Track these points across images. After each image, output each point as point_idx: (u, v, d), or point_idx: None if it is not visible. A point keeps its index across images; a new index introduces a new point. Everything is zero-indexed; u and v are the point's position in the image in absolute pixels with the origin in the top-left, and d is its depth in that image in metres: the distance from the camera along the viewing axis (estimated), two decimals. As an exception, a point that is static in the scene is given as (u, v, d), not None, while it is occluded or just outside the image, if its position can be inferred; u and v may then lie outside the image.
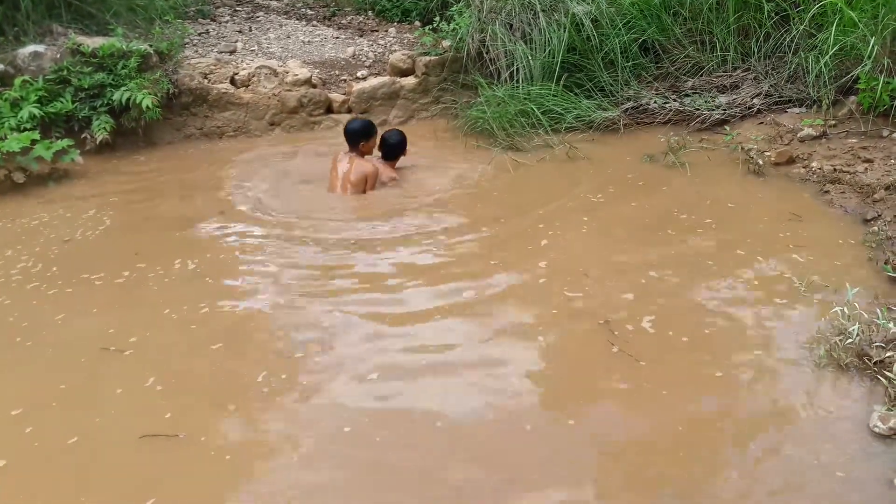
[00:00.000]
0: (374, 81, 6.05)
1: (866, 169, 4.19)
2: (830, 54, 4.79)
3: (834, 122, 4.85)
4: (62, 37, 5.39)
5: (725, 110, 5.36)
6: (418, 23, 7.37)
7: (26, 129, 4.62)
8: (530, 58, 5.62)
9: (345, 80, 6.22)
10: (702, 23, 5.72)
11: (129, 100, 4.99)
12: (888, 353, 2.56)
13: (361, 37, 7.16)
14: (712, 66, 5.77)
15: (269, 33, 7.09)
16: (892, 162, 4.18)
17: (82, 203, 4.37)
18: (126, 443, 2.33)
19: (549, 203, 4.23)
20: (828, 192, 4.16)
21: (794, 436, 2.31)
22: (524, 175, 4.80)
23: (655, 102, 5.59)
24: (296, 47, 6.74)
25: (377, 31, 7.35)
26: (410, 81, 6.14)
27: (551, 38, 5.62)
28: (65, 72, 5.04)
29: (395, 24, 7.55)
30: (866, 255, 3.43)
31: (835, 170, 4.30)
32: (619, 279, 3.32)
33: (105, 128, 4.99)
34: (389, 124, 5.94)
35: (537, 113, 5.37)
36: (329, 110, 5.98)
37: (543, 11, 5.71)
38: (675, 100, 5.61)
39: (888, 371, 2.46)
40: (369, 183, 4.45)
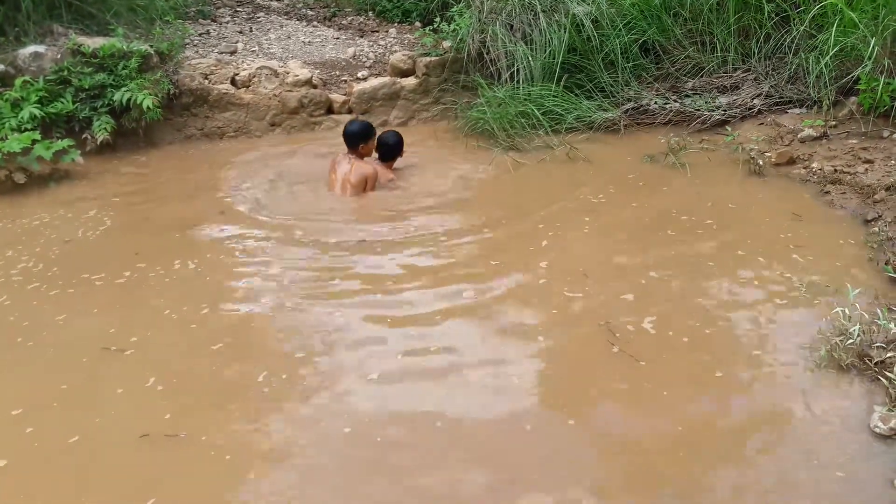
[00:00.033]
0: (374, 82, 6.04)
1: (867, 169, 4.19)
2: (831, 55, 4.79)
3: (834, 122, 4.85)
4: (63, 37, 5.39)
5: (726, 111, 5.36)
6: (419, 23, 7.37)
7: (27, 130, 4.61)
8: (531, 58, 5.61)
9: (345, 81, 6.22)
10: (702, 23, 5.72)
11: (129, 100, 4.98)
12: (889, 354, 2.57)
13: (362, 37, 7.16)
14: (713, 66, 5.77)
15: (269, 34, 7.09)
16: (893, 163, 4.18)
17: (83, 203, 4.37)
18: (126, 443, 2.33)
19: (550, 204, 4.23)
20: (828, 193, 4.16)
21: (795, 436, 2.32)
22: (525, 176, 4.80)
23: (656, 103, 5.59)
24: (296, 48, 6.75)
25: (378, 31, 7.35)
26: (411, 82, 6.14)
27: (552, 38, 5.62)
28: (65, 72, 5.04)
29: (396, 24, 7.55)
30: (867, 256, 3.43)
31: (835, 170, 4.30)
32: (619, 280, 3.32)
33: (106, 128, 4.98)
34: (390, 125, 5.94)
35: (538, 114, 5.37)
36: (330, 111, 5.98)
37: (544, 12, 5.71)
38: (675, 100, 5.60)
39: (889, 371, 2.46)
40: (369, 184, 4.46)
